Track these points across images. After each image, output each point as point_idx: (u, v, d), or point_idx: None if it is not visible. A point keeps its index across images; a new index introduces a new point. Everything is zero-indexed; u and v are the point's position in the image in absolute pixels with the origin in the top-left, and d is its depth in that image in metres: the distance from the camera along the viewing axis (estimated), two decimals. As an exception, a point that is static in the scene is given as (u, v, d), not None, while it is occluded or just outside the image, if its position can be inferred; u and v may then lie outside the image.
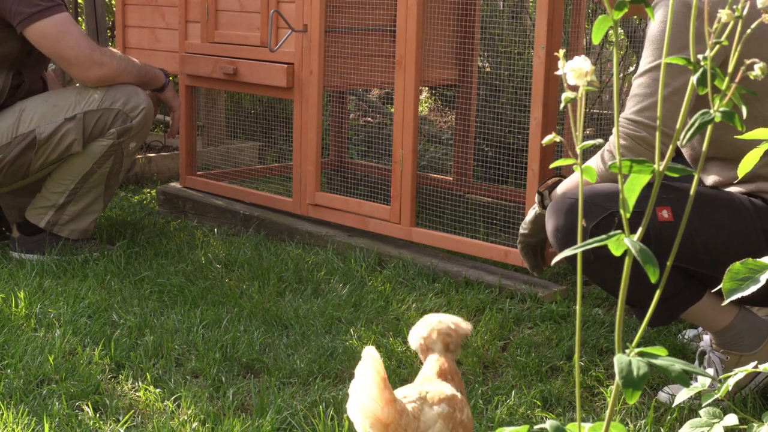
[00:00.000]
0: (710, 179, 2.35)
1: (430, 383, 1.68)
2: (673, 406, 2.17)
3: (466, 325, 1.75)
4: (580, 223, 1.06)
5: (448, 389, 1.66)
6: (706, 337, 2.36)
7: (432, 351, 1.72)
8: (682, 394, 1.56)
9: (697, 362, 2.37)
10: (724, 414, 1.45)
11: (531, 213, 2.56)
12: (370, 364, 1.54)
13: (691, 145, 2.40)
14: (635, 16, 2.60)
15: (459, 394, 1.67)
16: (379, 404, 1.54)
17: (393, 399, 1.56)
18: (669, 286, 2.21)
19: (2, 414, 2.14)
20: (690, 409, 2.21)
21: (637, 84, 2.27)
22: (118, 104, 3.35)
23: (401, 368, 2.46)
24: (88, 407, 2.19)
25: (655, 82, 2.21)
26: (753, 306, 2.46)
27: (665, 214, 2.16)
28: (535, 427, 1.20)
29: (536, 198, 2.52)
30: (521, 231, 2.60)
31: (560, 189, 2.43)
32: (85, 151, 3.35)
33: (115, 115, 3.35)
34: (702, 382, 1.58)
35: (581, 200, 1.11)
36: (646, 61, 2.25)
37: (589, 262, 2.19)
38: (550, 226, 2.26)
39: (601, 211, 2.15)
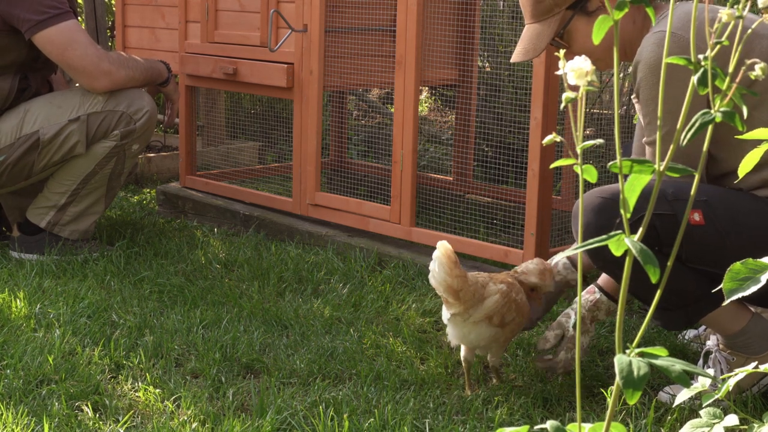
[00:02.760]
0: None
1: (503, 276, 2.37)
2: (674, 406, 2.17)
3: (539, 279, 2.41)
4: (581, 222, 1.06)
5: (511, 278, 2.37)
6: (713, 337, 2.35)
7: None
8: (683, 395, 1.56)
9: (701, 361, 2.37)
10: (725, 414, 1.45)
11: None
12: (441, 249, 2.17)
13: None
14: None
15: (518, 285, 2.36)
16: (449, 275, 2.17)
17: (460, 273, 2.19)
18: (691, 291, 2.19)
19: (2, 414, 2.14)
20: (690, 410, 2.21)
21: (648, 153, 2.26)
22: (122, 106, 3.35)
23: (401, 368, 2.46)
24: (88, 407, 2.19)
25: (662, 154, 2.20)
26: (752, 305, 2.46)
27: (696, 217, 2.12)
28: (535, 427, 1.20)
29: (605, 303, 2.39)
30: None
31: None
32: (87, 152, 3.35)
33: (119, 117, 3.35)
34: (702, 383, 1.58)
35: (581, 200, 1.11)
36: (647, 128, 2.24)
37: (615, 263, 2.16)
38: (575, 225, 2.23)
39: (634, 213, 2.11)
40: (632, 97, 2.35)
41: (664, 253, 2.12)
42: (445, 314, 2.29)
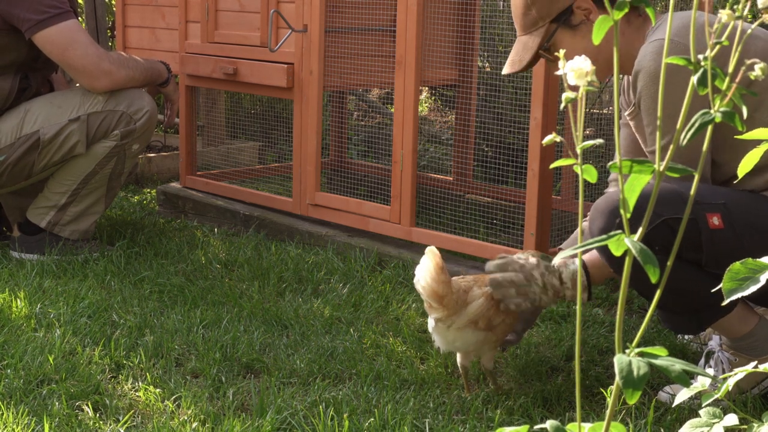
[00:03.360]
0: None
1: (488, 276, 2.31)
2: (673, 406, 2.17)
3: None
4: (581, 222, 1.06)
5: None
6: (715, 337, 2.35)
7: None
8: (682, 394, 1.56)
9: (703, 361, 2.36)
10: (725, 414, 1.45)
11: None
12: (430, 255, 2.18)
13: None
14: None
15: None
16: (435, 281, 2.17)
17: (446, 279, 2.19)
18: (704, 297, 2.18)
19: (2, 414, 2.14)
20: (690, 410, 2.21)
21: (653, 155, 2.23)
22: (122, 106, 3.35)
23: (401, 368, 2.46)
24: (88, 407, 2.19)
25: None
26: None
27: (716, 221, 2.09)
28: (535, 427, 1.20)
29: (582, 283, 2.26)
30: (521, 305, 2.28)
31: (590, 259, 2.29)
32: (87, 152, 3.35)
33: (119, 117, 3.35)
34: (702, 382, 1.58)
35: (581, 201, 1.11)
36: (650, 137, 2.21)
37: (632, 265, 2.13)
38: (595, 226, 2.19)
39: (655, 217, 2.06)
40: (626, 113, 2.34)
41: (681, 258, 2.09)
42: (431, 323, 2.28)
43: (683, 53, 2.13)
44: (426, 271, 2.19)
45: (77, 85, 3.44)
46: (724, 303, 1.24)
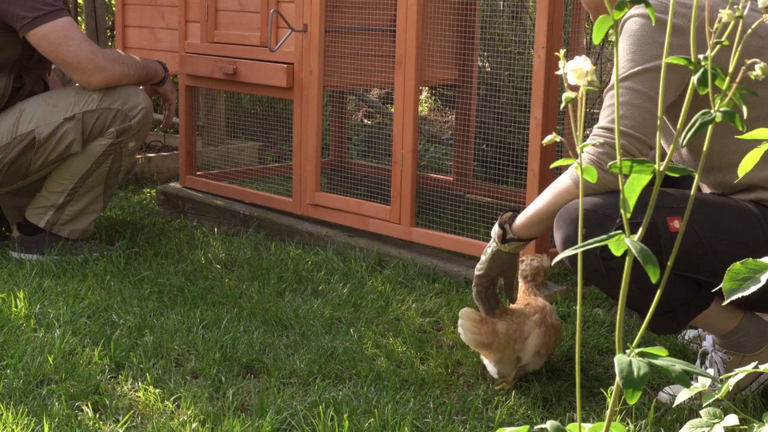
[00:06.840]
0: (704, 190, 2.34)
1: (527, 299, 2.42)
2: (674, 406, 2.17)
3: (537, 262, 2.49)
4: (581, 226, 1.06)
5: (540, 302, 2.41)
6: (709, 338, 2.35)
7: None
8: (683, 395, 1.56)
9: (698, 362, 2.37)
10: (725, 414, 1.45)
11: (488, 251, 2.39)
12: (463, 317, 2.32)
13: (679, 157, 2.37)
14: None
15: (547, 304, 2.42)
16: (477, 335, 2.31)
17: (488, 329, 2.31)
18: (677, 296, 2.19)
19: (2, 414, 2.14)
20: (690, 410, 2.21)
21: (610, 95, 2.23)
22: (117, 104, 3.35)
23: (401, 368, 2.46)
24: (88, 407, 2.19)
25: (628, 91, 2.14)
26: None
27: (676, 224, 2.12)
28: (535, 427, 1.19)
29: (496, 232, 2.35)
30: (477, 272, 2.40)
31: (522, 218, 2.31)
32: (84, 150, 3.35)
33: (114, 115, 3.34)
34: (702, 383, 1.58)
35: (581, 200, 1.11)
36: (618, 72, 2.19)
37: (600, 274, 2.14)
38: (558, 236, 2.19)
39: (611, 222, 2.09)
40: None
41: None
42: (491, 368, 2.39)
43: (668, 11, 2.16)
44: (466, 330, 2.32)
45: (76, 85, 3.44)
46: (724, 303, 1.24)
